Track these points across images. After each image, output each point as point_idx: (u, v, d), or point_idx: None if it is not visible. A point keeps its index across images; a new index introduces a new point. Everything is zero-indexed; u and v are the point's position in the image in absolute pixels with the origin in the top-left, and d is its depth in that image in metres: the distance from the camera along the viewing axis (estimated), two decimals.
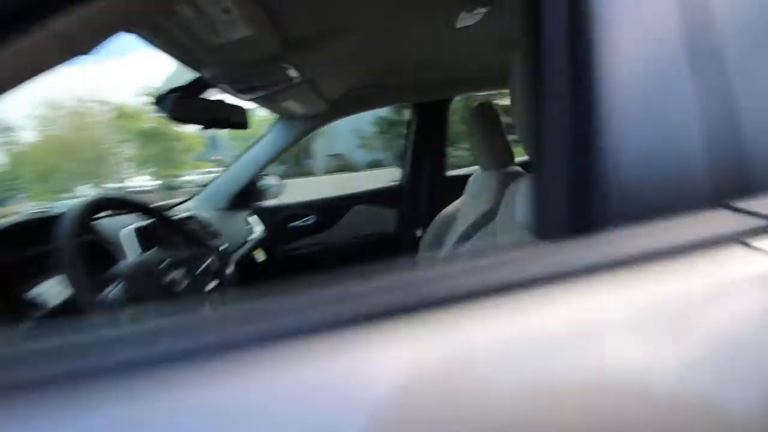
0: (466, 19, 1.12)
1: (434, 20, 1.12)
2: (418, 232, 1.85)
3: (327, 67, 1.25)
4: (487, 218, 1.32)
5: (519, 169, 1.38)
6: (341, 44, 1.13)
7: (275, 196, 1.87)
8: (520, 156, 1.51)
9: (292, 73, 1.12)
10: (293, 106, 1.42)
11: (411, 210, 1.91)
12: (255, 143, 1.72)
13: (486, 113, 1.43)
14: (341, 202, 1.96)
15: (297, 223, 1.90)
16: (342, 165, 18.89)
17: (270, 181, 1.83)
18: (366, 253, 1.93)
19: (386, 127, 9.63)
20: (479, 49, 1.31)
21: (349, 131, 15.08)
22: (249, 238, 1.63)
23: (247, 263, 1.55)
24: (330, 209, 1.94)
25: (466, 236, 1.30)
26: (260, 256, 1.73)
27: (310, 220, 1.91)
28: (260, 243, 1.71)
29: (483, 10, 1.06)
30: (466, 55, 1.36)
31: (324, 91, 1.41)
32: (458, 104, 2.19)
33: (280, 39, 0.92)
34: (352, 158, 18.21)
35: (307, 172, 19.78)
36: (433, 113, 1.85)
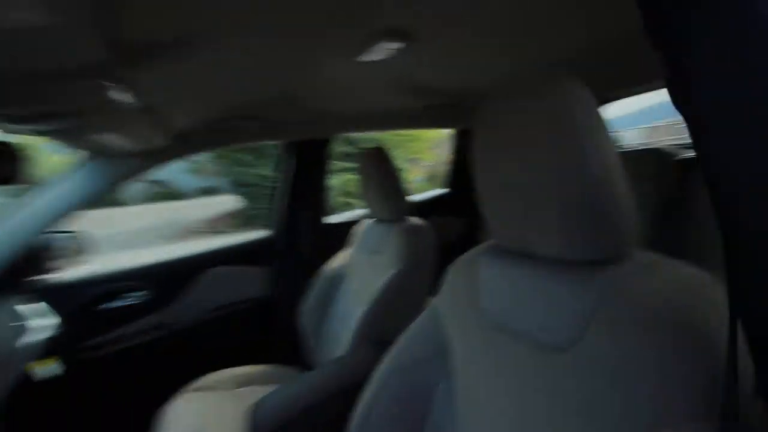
0: (372, 54, 0.93)
1: (331, 49, 0.88)
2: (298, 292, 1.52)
3: (175, 90, 0.86)
4: (401, 280, 1.13)
5: (420, 222, 1.25)
6: (200, 59, 0.77)
7: (76, 259, 1.24)
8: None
9: (119, 94, 0.70)
10: (115, 140, 0.94)
11: (287, 266, 1.57)
12: (43, 188, 1.10)
13: (379, 158, 1.26)
14: (191, 264, 1.46)
15: (117, 302, 1.31)
16: (165, 193, 16.10)
17: (64, 235, 1.18)
18: (230, 330, 1.47)
19: (220, 150, 8.62)
20: (382, 86, 1.13)
21: None
22: (25, 343, 1.00)
23: (26, 393, 0.94)
24: (172, 275, 1.42)
25: (381, 304, 1.08)
26: (50, 368, 1.10)
27: (139, 295, 1.34)
28: (50, 347, 1.08)
29: (397, 45, 0.88)
30: (364, 91, 1.17)
31: (168, 121, 0.98)
32: None
33: (106, 41, 0.53)
34: (180, 184, 15.75)
35: (116, 202, 16.06)
36: (313, 152, 1.58)
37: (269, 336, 1.55)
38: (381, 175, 1.23)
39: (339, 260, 1.41)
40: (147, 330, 1.34)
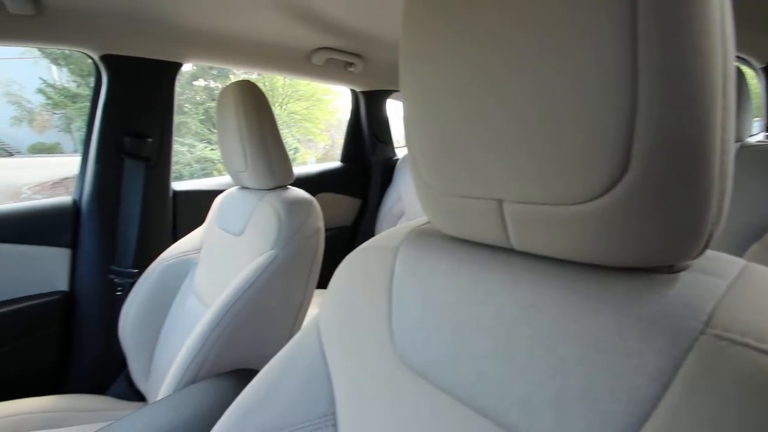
0: None
1: None
2: (116, 289, 1.06)
3: None
4: (271, 275, 0.78)
5: (305, 195, 0.92)
6: None
7: None
8: None
9: None
10: None
11: (103, 249, 1.07)
12: None
13: (252, 95, 0.88)
14: None
15: None
16: None
17: None
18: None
19: (59, 98, 6.66)
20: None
21: None
22: None
23: None
24: None
25: (239, 310, 0.72)
26: None
27: None
28: None
29: None
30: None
31: None
32: None
33: None
34: (4, 137, 12.28)
35: None
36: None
37: (68, 350, 1.05)
38: (254, 122, 0.86)
39: (187, 242, 1.00)
40: None
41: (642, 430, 0.22)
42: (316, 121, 8.15)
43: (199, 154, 6.50)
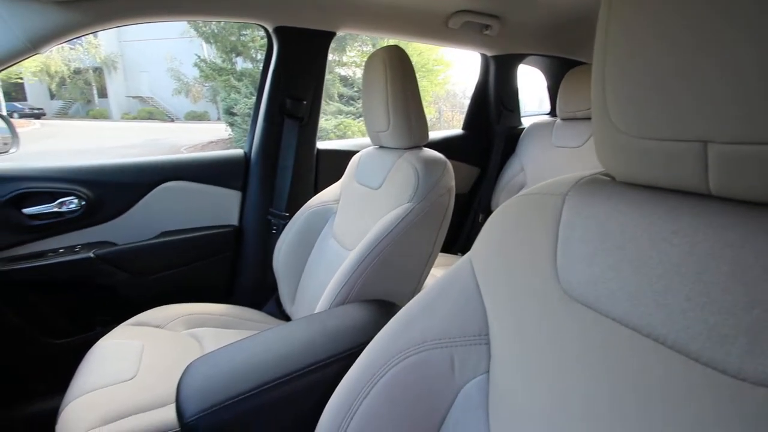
0: None
1: None
2: (273, 226, 1.26)
3: None
4: (406, 225, 0.87)
5: (438, 155, 0.97)
6: None
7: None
8: None
9: None
10: None
11: (264, 194, 1.29)
12: None
13: (399, 60, 0.95)
14: (144, 174, 1.17)
15: (41, 208, 1.03)
16: (150, 111, 15.28)
17: None
18: (186, 258, 1.22)
19: (209, 72, 7.79)
20: None
21: (162, 71, 12.17)
22: None
23: None
24: (118, 185, 1.13)
25: (378, 250, 0.83)
26: None
27: (74, 204, 1.07)
28: None
29: None
30: None
31: None
32: None
33: None
34: (167, 105, 14.93)
35: (98, 114, 15.26)
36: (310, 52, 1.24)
37: (236, 272, 1.30)
38: (398, 85, 0.92)
39: (328, 194, 1.15)
40: (79, 247, 1.08)
41: None
42: (424, 93, 8.12)
43: None
